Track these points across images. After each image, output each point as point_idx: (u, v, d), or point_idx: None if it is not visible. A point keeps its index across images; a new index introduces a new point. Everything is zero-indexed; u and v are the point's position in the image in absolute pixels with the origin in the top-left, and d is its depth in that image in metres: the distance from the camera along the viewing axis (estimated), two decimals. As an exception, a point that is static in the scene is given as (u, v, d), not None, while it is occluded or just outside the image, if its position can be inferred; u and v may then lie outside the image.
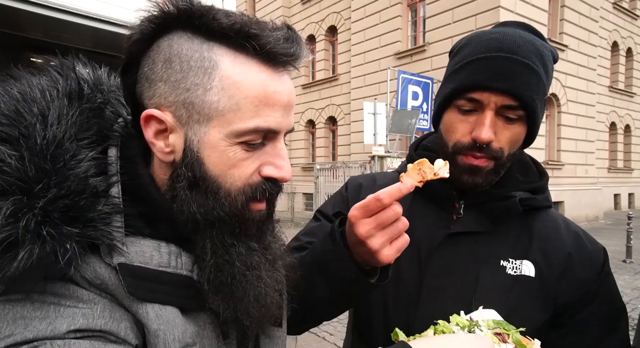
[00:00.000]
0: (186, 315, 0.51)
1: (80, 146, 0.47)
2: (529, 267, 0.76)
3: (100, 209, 0.45)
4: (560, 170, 11.39)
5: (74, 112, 0.48)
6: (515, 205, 0.76)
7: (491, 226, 0.79)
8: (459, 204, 0.81)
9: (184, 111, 0.48)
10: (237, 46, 0.48)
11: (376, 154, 8.61)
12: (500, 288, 0.75)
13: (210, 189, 0.49)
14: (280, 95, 0.50)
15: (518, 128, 0.74)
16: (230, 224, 0.51)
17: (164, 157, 0.51)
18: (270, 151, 0.52)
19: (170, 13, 0.48)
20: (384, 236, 0.60)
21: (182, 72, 0.48)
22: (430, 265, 0.78)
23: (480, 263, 0.77)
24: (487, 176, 0.75)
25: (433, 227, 0.81)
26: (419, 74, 10.17)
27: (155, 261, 0.48)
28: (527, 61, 0.72)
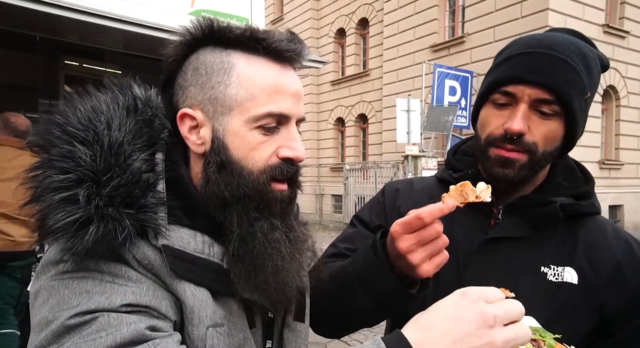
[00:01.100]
0: (216, 299, 0.60)
1: (134, 149, 0.60)
2: (572, 274, 0.77)
3: (150, 199, 0.58)
4: (618, 170, 10.77)
5: (130, 122, 0.62)
6: (556, 211, 0.77)
7: (531, 232, 0.79)
8: (497, 209, 0.82)
9: (210, 106, 0.61)
10: (249, 49, 0.61)
11: (410, 154, 8.52)
12: (540, 294, 0.76)
13: (235, 170, 0.60)
14: (288, 85, 0.62)
15: (554, 124, 0.75)
16: (254, 199, 0.61)
17: (197, 149, 0.63)
18: (285, 135, 0.63)
19: (198, 35, 0.62)
20: (424, 253, 0.66)
21: (207, 75, 0.61)
22: (468, 270, 0.80)
23: (519, 269, 0.78)
24: (520, 170, 0.76)
25: (471, 232, 0.83)
26: (457, 68, 9.96)
27: (192, 247, 0.59)
28: (565, 57, 0.73)
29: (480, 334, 0.47)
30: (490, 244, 0.80)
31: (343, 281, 0.79)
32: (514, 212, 0.81)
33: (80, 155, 0.56)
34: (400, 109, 8.78)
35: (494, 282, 0.77)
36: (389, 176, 10.34)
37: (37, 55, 4.75)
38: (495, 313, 0.48)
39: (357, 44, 15.21)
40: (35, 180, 0.56)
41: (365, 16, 14.48)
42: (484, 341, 0.47)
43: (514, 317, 0.49)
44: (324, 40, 16.22)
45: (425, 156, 8.59)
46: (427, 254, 0.66)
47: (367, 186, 11.09)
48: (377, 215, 0.96)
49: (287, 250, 0.63)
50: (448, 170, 0.91)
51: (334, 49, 15.88)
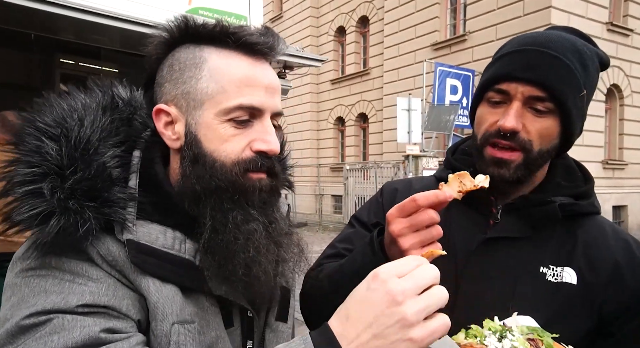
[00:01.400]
0: (187, 296, 0.61)
1: (106, 145, 0.62)
2: (571, 274, 0.77)
3: (115, 193, 0.59)
4: (622, 170, 10.78)
5: (106, 120, 0.64)
6: (555, 211, 0.77)
7: (530, 232, 0.80)
8: (496, 209, 0.83)
9: (183, 101, 0.63)
10: (221, 43, 0.63)
11: (410, 154, 8.52)
12: (539, 295, 0.76)
13: (207, 163, 0.62)
14: (260, 78, 0.63)
15: (549, 122, 0.75)
16: (227, 191, 0.62)
17: (172, 144, 0.65)
18: (259, 129, 0.64)
19: (174, 33, 0.64)
20: (415, 238, 0.66)
21: (180, 71, 0.63)
22: (467, 270, 0.81)
23: (518, 269, 0.78)
24: (516, 170, 0.77)
25: (470, 232, 0.83)
26: (459, 66, 9.96)
27: (160, 242, 0.60)
28: (558, 54, 0.74)
29: (390, 313, 0.46)
30: (489, 244, 0.81)
31: (341, 279, 0.79)
32: (513, 212, 0.82)
33: (47, 150, 0.58)
34: (401, 108, 8.78)
35: (492, 282, 0.79)
36: (390, 176, 10.34)
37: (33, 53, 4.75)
38: (404, 288, 0.47)
39: (357, 43, 15.21)
40: (8, 175, 0.58)
41: (366, 14, 14.48)
42: (395, 319, 0.46)
43: (427, 283, 0.48)
44: (324, 38, 16.22)
45: (426, 156, 8.59)
46: (419, 241, 0.65)
47: (368, 187, 11.09)
48: (376, 215, 0.96)
49: (263, 242, 0.63)
50: (447, 170, 0.91)
51: (333, 48, 15.88)
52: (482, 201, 0.84)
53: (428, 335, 0.46)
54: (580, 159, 0.90)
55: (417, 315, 0.46)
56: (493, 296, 0.78)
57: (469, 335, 0.62)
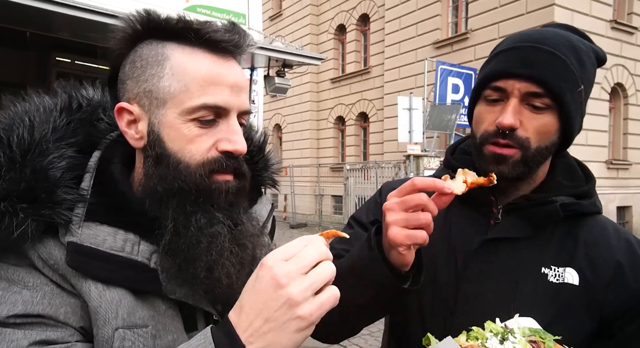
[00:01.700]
0: (140, 299, 0.60)
1: (59, 146, 0.61)
2: (573, 275, 0.77)
3: (60, 195, 0.58)
4: (627, 170, 10.78)
5: (61, 121, 0.63)
6: (556, 210, 0.77)
7: (531, 232, 0.80)
8: (497, 209, 0.83)
9: (146, 100, 0.62)
10: (184, 40, 0.62)
11: (412, 154, 8.52)
12: (541, 296, 0.76)
13: (171, 164, 0.61)
14: (225, 76, 0.62)
15: (547, 118, 0.76)
16: (191, 193, 0.61)
17: (135, 143, 0.64)
18: (225, 128, 0.63)
19: (137, 29, 0.63)
20: (401, 216, 0.67)
21: (142, 68, 0.62)
22: (467, 270, 0.81)
23: (519, 270, 0.78)
24: (514, 166, 0.77)
25: (470, 232, 0.84)
26: (460, 65, 9.96)
27: (108, 244, 0.59)
28: (553, 50, 0.74)
29: (277, 296, 0.48)
30: (490, 244, 0.81)
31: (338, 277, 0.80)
32: (514, 212, 0.82)
33: None
34: (402, 107, 8.78)
35: (493, 283, 0.79)
36: (391, 176, 10.33)
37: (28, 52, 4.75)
38: (288, 270, 0.49)
39: (358, 41, 15.22)
40: None
41: (366, 12, 14.49)
42: (281, 301, 0.48)
43: (312, 262, 0.50)
44: (324, 36, 16.23)
45: (428, 156, 8.59)
46: (403, 219, 0.66)
47: (368, 187, 11.09)
48: (374, 215, 0.96)
49: (227, 245, 0.62)
50: (447, 169, 0.91)
51: (334, 46, 15.89)
52: (483, 201, 0.84)
53: (316, 309, 0.49)
54: (583, 159, 0.90)
55: (303, 293, 0.49)
56: (494, 298, 0.78)
57: (470, 337, 0.62)
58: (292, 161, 15.81)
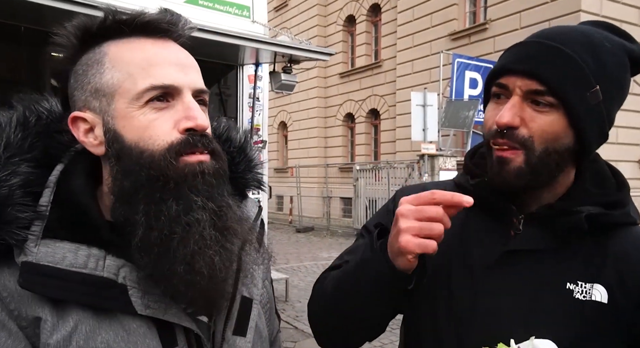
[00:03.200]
0: (106, 319, 0.60)
1: (10, 163, 0.62)
2: (601, 292, 0.75)
3: (12, 213, 0.59)
4: (660, 172, 10.60)
5: (15, 137, 0.64)
6: (580, 222, 0.76)
7: (555, 244, 0.79)
8: (517, 219, 0.82)
9: (95, 101, 0.63)
10: (116, 34, 0.64)
11: (426, 153, 8.48)
12: (564, 313, 0.75)
13: (134, 155, 0.61)
14: (166, 55, 0.64)
15: (551, 118, 0.75)
16: (159, 179, 0.61)
17: (96, 150, 0.65)
18: (181, 108, 0.63)
19: (72, 46, 0.65)
20: (414, 224, 0.69)
21: (84, 74, 0.64)
22: (485, 283, 0.80)
23: (541, 284, 0.77)
24: (518, 172, 0.76)
25: (488, 243, 0.83)
26: (479, 58, 9.90)
27: (68, 261, 0.59)
28: (559, 45, 0.74)
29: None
30: (509, 257, 0.80)
31: (342, 282, 0.82)
32: (536, 222, 0.80)
33: None
34: (416, 103, 8.75)
35: (512, 298, 0.78)
36: (403, 176, 10.30)
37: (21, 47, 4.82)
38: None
39: (368, 33, 15.20)
40: None
41: (377, 2, 14.47)
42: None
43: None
44: (332, 28, 16.24)
45: (443, 155, 8.54)
46: (417, 227, 0.68)
47: (379, 188, 11.07)
48: (385, 224, 0.96)
49: (207, 232, 0.61)
50: (465, 175, 0.91)
51: (342, 38, 15.89)
52: (502, 210, 0.83)
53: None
54: (612, 158, 0.89)
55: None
56: (513, 313, 0.77)
57: None
58: (298, 161, 15.84)
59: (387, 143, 14.10)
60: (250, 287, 0.74)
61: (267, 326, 0.82)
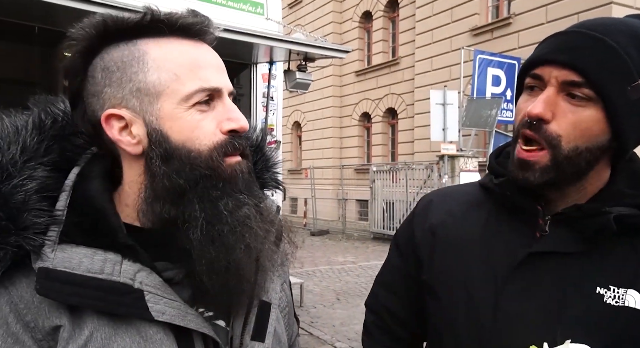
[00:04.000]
0: (123, 325, 0.61)
1: (27, 167, 0.63)
2: (636, 298, 0.74)
3: (29, 219, 0.60)
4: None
5: (32, 140, 0.65)
6: (609, 223, 0.74)
7: (584, 247, 0.78)
8: (544, 220, 0.81)
9: (135, 100, 0.64)
10: (154, 32, 0.65)
11: (446, 154, 8.41)
12: (595, 319, 0.73)
13: (183, 155, 0.64)
14: (208, 59, 0.67)
15: (587, 113, 0.73)
16: (212, 178, 0.64)
17: (133, 149, 0.65)
18: (221, 110, 0.67)
19: (92, 39, 0.64)
20: None
21: (120, 71, 0.64)
22: (508, 287, 0.79)
23: (569, 288, 0.76)
24: (542, 173, 0.75)
25: (512, 244, 0.82)
26: (502, 54, 9.77)
27: (85, 267, 0.60)
28: (601, 35, 0.72)
29: None
30: (535, 259, 0.79)
31: None
32: (563, 223, 0.79)
33: None
34: (435, 102, 8.69)
35: (537, 302, 0.77)
36: (422, 178, 10.22)
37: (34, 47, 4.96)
38: None
39: (386, 29, 15.15)
40: None
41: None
42: None
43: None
44: (348, 25, 16.24)
45: (464, 156, 8.46)
46: None
47: (397, 190, 11.01)
48: (406, 234, 0.99)
49: (260, 225, 0.66)
50: (490, 175, 0.90)
51: (358, 35, 15.88)
52: (528, 210, 0.82)
53: None
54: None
55: None
56: (538, 319, 0.76)
57: None
58: (312, 162, 15.87)
59: (404, 143, 14.03)
60: (269, 290, 0.75)
61: (286, 330, 0.82)
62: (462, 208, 0.92)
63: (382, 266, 1.06)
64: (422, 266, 0.92)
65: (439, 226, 0.92)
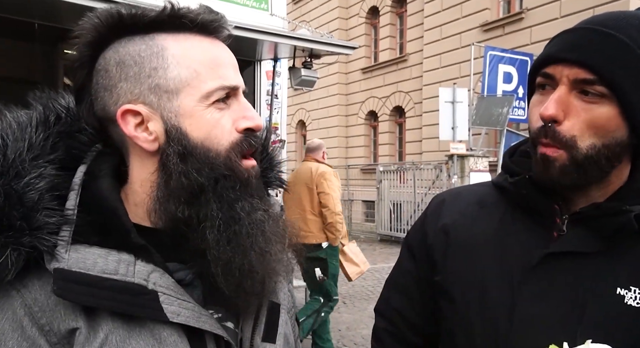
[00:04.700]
0: (137, 327, 0.61)
1: (35, 165, 0.62)
2: None
3: (40, 219, 0.59)
4: None
5: (37, 137, 0.64)
6: (629, 222, 0.74)
7: (603, 247, 0.78)
8: (561, 219, 0.81)
9: (153, 96, 0.64)
10: (172, 27, 0.65)
11: (455, 153, 8.38)
12: (615, 321, 0.73)
13: (201, 154, 0.64)
14: (226, 57, 0.68)
15: (602, 110, 0.73)
16: (231, 179, 0.65)
17: (150, 146, 0.65)
18: (237, 108, 0.68)
19: (104, 30, 0.64)
20: None
21: (137, 65, 0.64)
22: (525, 289, 0.79)
23: (588, 289, 0.76)
24: (562, 170, 0.75)
25: (529, 245, 0.82)
26: (514, 50, 9.72)
27: (99, 267, 0.60)
28: (612, 31, 0.72)
29: None
30: (552, 260, 0.79)
31: None
32: (582, 222, 0.79)
33: None
34: (444, 100, 8.67)
35: (556, 304, 0.77)
36: (430, 179, 10.20)
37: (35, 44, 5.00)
38: None
39: (393, 25, 15.13)
40: None
41: (403, -9, 14.40)
42: None
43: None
44: (354, 21, 16.23)
45: (474, 156, 8.42)
46: None
47: (404, 191, 10.99)
48: (418, 235, 0.99)
49: (272, 229, 0.68)
50: (504, 174, 0.90)
51: (365, 31, 15.86)
52: (544, 210, 0.82)
53: None
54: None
55: None
56: (556, 321, 0.76)
57: None
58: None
59: (412, 142, 13.99)
60: (278, 291, 0.76)
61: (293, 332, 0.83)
62: (476, 208, 0.92)
63: (393, 269, 1.05)
64: (436, 267, 0.92)
65: (451, 227, 0.92)
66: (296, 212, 3.98)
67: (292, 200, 4.11)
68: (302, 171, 4.22)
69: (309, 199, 4.07)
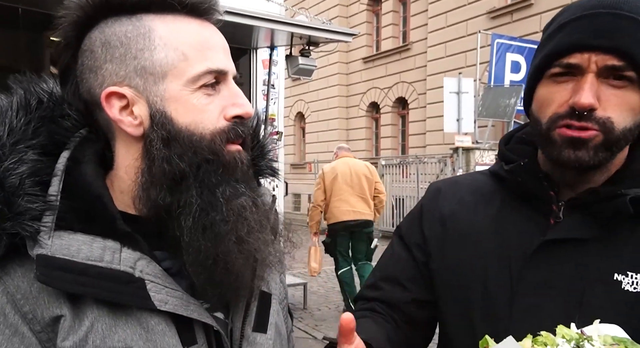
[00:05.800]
0: (123, 315, 0.61)
1: (16, 150, 0.62)
2: None
3: (22, 204, 0.60)
4: None
5: (18, 121, 0.65)
6: (625, 206, 0.75)
7: (600, 233, 0.79)
8: (557, 206, 0.83)
9: (139, 79, 0.64)
10: (161, 8, 0.65)
11: (460, 146, 8.40)
12: (614, 307, 0.75)
13: (185, 138, 0.65)
14: (216, 40, 0.68)
15: (630, 94, 0.75)
16: (214, 163, 0.66)
17: (134, 130, 0.66)
18: (227, 94, 0.68)
19: (90, 10, 0.64)
20: None
21: (123, 46, 0.64)
22: (523, 278, 0.81)
23: (586, 276, 0.78)
24: (596, 151, 0.76)
25: (526, 233, 0.84)
26: (522, 38, 9.72)
27: (84, 254, 0.60)
28: (635, 15, 0.74)
29: None
30: (549, 247, 0.80)
31: None
32: (578, 208, 0.81)
33: None
34: (449, 91, 8.67)
35: (554, 292, 0.79)
36: (434, 173, 10.22)
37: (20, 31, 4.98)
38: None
39: (396, 12, 15.09)
40: None
41: (406, -23, 14.36)
42: None
43: None
44: (355, 7, 16.19)
45: (480, 149, 8.45)
46: None
47: (408, 186, 11.01)
48: (413, 225, 0.99)
49: (255, 217, 0.67)
50: (500, 162, 0.92)
51: (367, 19, 15.82)
52: (540, 196, 0.84)
53: None
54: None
55: None
56: (556, 309, 0.78)
57: (538, 342, 0.62)
58: (317, 155, 15.89)
59: (416, 135, 14.01)
60: (269, 281, 0.76)
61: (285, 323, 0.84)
62: (473, 197, 0.94)
63: (382, 260, 1.04)
64: (431, 256, 0.94)
65: (449, 217, 0.93)
66: (353, 196, 5.29)
67: (350, 186, 5.30)
68: (356, 165, 5.44)
69: (368, 186, 5.39)
